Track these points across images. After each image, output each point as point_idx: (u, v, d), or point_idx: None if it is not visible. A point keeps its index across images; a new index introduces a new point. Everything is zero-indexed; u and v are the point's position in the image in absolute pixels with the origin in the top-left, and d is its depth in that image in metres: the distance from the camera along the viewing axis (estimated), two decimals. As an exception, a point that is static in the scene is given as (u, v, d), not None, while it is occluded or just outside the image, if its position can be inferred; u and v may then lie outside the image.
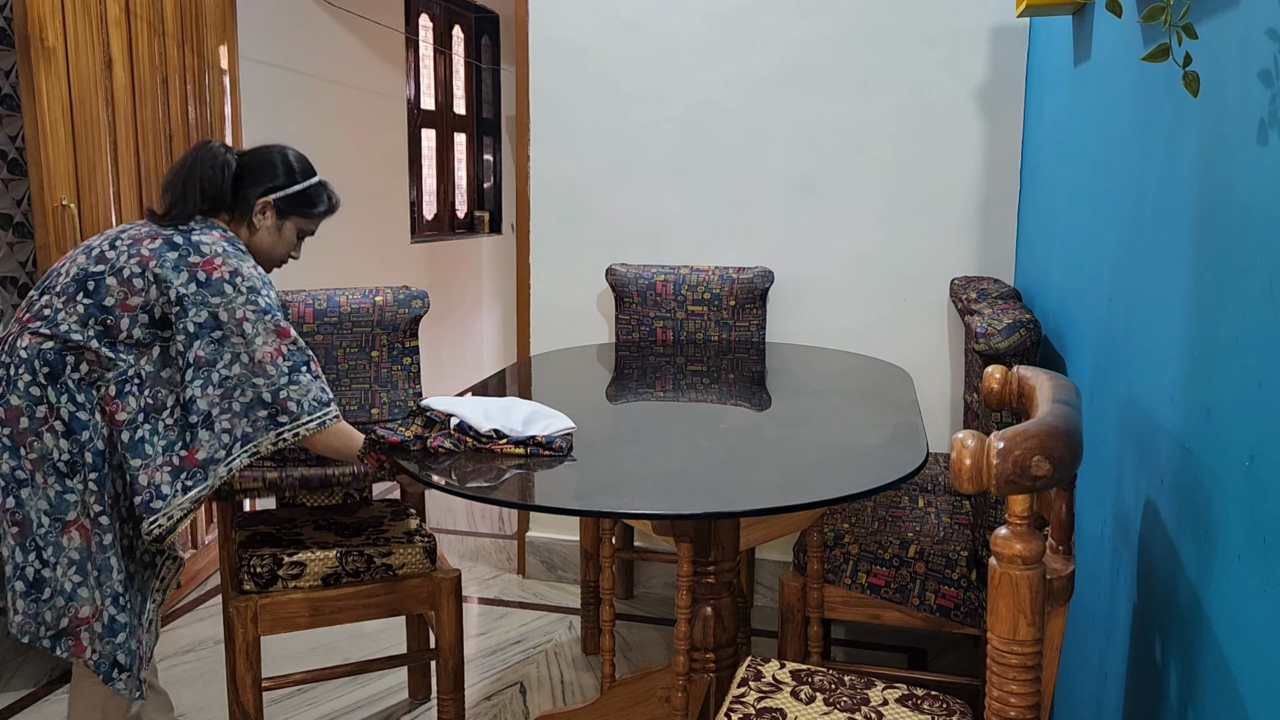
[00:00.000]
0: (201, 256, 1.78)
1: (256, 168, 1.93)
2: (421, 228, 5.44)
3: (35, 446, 1.75)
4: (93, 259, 1.79)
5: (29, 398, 1.74)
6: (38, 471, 1.75)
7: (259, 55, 3.62)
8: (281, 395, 1.81)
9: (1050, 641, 1.17)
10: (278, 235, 1.97)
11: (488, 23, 6.09)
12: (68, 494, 1.77)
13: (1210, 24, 1.19)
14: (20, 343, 1.76)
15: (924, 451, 1.74)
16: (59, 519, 1.76)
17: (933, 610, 2.07)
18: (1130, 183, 1.59)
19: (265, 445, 1.83)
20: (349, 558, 2.08)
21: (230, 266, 1.79)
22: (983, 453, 1.00)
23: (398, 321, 2.42)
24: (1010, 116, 2.79)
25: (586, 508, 1.86)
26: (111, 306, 1.76)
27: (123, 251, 1.78)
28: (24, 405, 1.74)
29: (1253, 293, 1.03)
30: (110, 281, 1.76)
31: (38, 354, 1.74)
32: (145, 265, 1.76)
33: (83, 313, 1.76)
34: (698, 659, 1.95)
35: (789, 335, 2.99)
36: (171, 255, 1.77)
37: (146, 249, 1.78)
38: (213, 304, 1.76)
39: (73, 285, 1.77)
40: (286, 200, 1.95)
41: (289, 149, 2.00)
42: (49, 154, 2.37)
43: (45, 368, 1.74)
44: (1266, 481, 0.98)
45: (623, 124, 3.04)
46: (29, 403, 1.74)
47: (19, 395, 1.74)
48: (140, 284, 1.76)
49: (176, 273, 1.76)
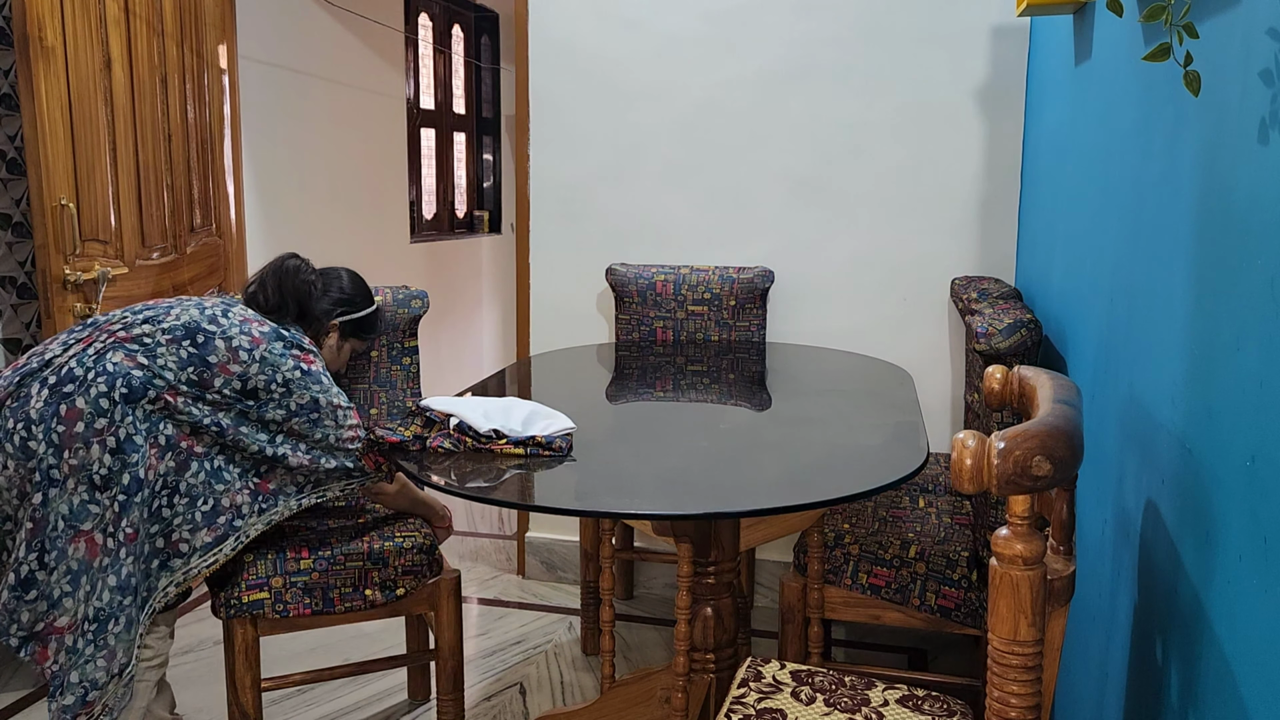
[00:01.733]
0: (304, 351, 1.94)
1: (335, 287, 2.12)
2: (421, 227, 5.44)
3: (79, 453, 1.76)
4: (205, 317, 1.88)
5: (95, 407, 1.76)
6: (71, 477, 1.76)
7: (258, 55, 3.61)
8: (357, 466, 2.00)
9: (1051, 642, 1.17)
10: (336, 354, 2.16)
11: (487, 22, 6.09)
12: (92, 504, 1.77)
13: (1211, 23, 1.19)
14: (112, 356, 1.81)
15: (924, 452, 1.73)
16: (74, 525, 1.76)
17: (933, 611, 2.06)
18: (1131, 182, 1.58)
19: (334, 492, 2.02)
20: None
21: (320, 365, 1.96)
22: (983, 453, 1.00)
23: (397, 321, 2.42)
24: (1011, 116, 2.79)
25: (586, 508, 1.86)
26: (213, 364, 1.85)
27: (235, 324, 1.89)
28: (87, 411, 1.76)
29: (1254, 292, 1.03)
30: (219, 344, 1.86)
31: (124, 374, 1.79)
32: (255, 345, 1.88)
33: (184, 358, 1.84)
34: (698, 660, 1.95)
35: (789, 335, 2.99)
36: (279, 345, 1.91)
37: (257, 331, 1.91)
38: (314, 390, 1.92)
39: (181, 330, 1.85)
40: (351, 324, 2.14)
41: (355, 273, 2.19)
42: (48, 153, 2.36)
43: (125, 389, 1.79)
44: (1267, 481, 0.98)
45: (623, 124, 3.03)
46: (93, 411, 1.76)
47: (87, 400, 1.76)
48: (246, 357, 1.87)
49: (284, 359, 1.90)
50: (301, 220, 4.04)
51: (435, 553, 2.18)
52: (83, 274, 2.45)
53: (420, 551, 2.13)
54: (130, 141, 2.69)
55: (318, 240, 4.19)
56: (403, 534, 2.16)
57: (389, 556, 2.10)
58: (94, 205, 2.55)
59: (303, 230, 4.04)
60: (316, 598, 2.04)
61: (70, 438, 1.76)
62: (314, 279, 2.06)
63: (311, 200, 4.14)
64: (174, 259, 2.93)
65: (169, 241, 2.91)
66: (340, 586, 2.05)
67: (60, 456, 1.76)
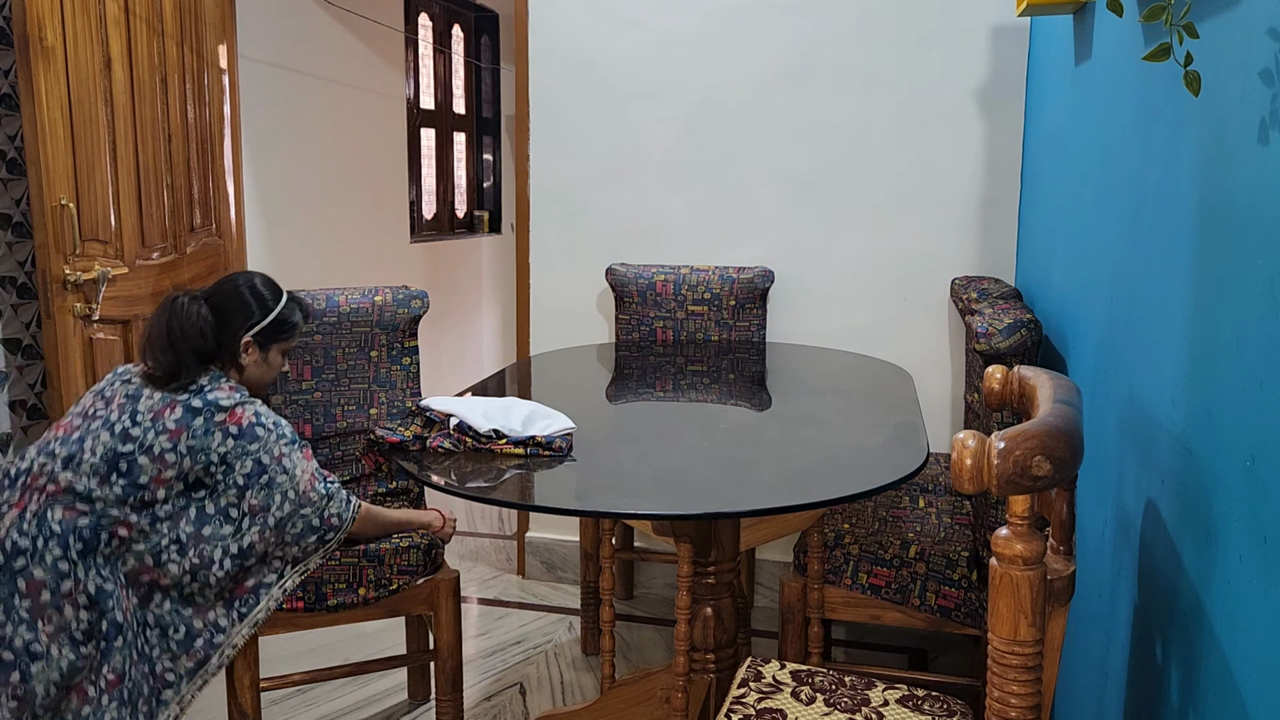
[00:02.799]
0: (225, 411, 1.82)
1: (229, 308, 1.93)
2: (421, 227, 5.44)
3: (54, 619, 1.71)
4: (118, 437, 1.78)
5: (56, 572, 1.71)
6: (53, 643, 1.71)
7: (258, 54, 3.61)
8: (326, 515, 1.89)
9: (1051, 642, 1.17)
10: (265, 365, 1.99)
11: (487, 22, 6.09)
12: (79, 661, 1.73)
13: (1211, 23, 1.19)
14: (53, 515, 1.73)
15: (924, 452, 1.73)
16: (65, 686, 1.72)
17: (933, 611, 2.06)
18: (1131, 182, 1.58)
19: (314, 563, 1.93)
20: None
21: (250, 411, 1.84)
22: (983, 453, 1.00)
23: (397, 321, 2.42)
24: (1011, 116, 2.79)
25: (586, 508, 1.86)
26: (147, 483, 1.78)
27: (148, 429, 1.78)
28: (49, 579, 1.71)
29: (1254, 292, 1.03)
30: (143, 460, 1.77)
31: (73, 529, 1.73)
32: (176, 440, 1.78)
33: (120, 492, 1.76)
34: (698, 660, 1.95)
35: (789, 335, 2.99)
36: (199, 423, 1.80)
37: (171, 422, 1.79)
38: (252, 450, 1.81)
39: (104, 466, 1.76)
40: (264, 333, 1.96)
41: (254, 276, 2.00)
42: (48, 153, 2.36)
43: (79, 543, 1.73)
44: (1267, 481, 0.98)
45: (623, 124, 3.03)
46: (55, 577, 1.71)
47: (44, 569, 1.71)
48: (173, 458, 1.78)
49: (209, 437, 1.79)
50: (301, 220, 4.04)
51: (434, 552, 2.18)
52: (83, 274, 2.45)
53: (418, 551, 2.13)
54: (130, 141, 2.69)
55: (317, 239, 4.19)
56: (401, 535, 2.16)
57: (385, 555, 2.10)
58: (94, 205, 2.55)
59: (303, 230, 4.04)
60: (309, 592, 2.04)
61: (40, 608, 1.70)
62: (201, 312, 1.88)
63: (311, 200, 4.14)
64: (174, 259, 2.93)
65: (169, 241, 2.91)
66: (334, 582, 2.05)
67: (36, 629, 1.70)
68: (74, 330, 2.47)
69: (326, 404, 2.40)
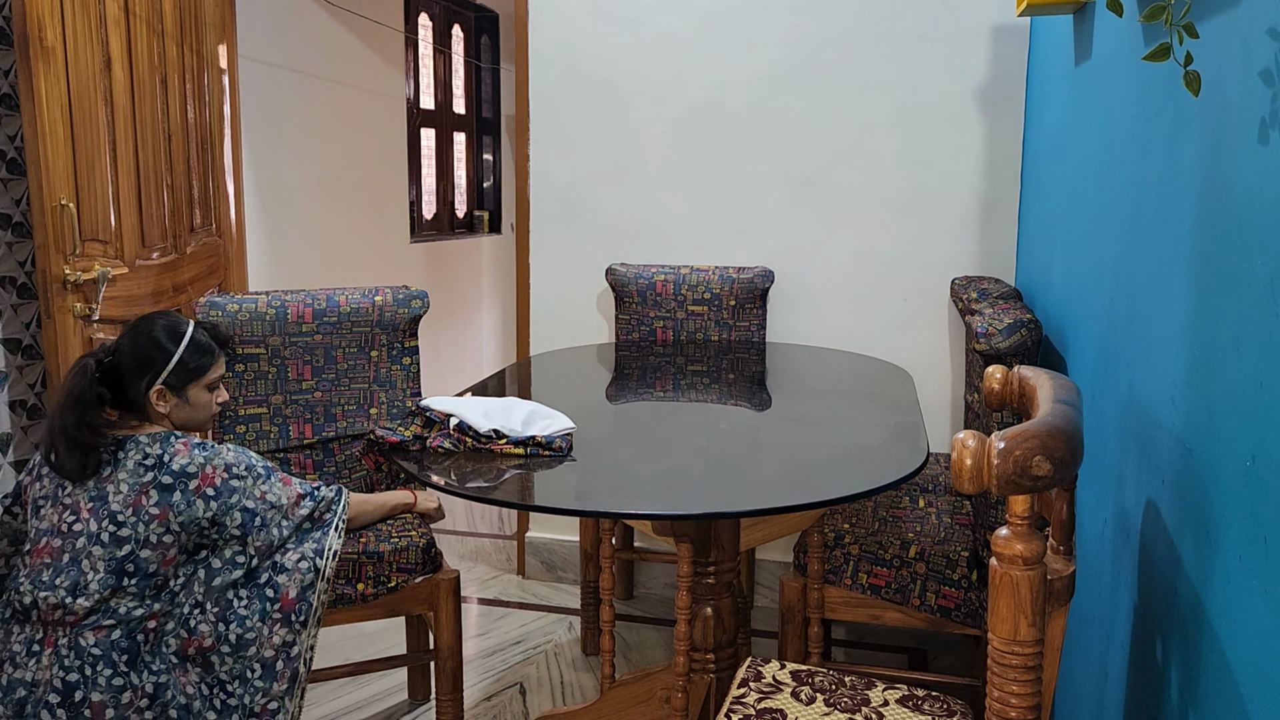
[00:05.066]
0: (195, 478, 1.77)
1: (131, 365, 1.83)
2: (421, 227, 5.44)
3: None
4: (111, 544, 1.73)
5: (112, 689, 1.70)
6: None
7: (258, 54, 3.61)
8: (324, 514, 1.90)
9: (1051, 642, 1.17)
10: (189, 406, 1.89)
11: (487, 22, 6.09)
12: None
13: (1211, 23, 1.19)
14: (86, 642, 1.71)
15: (924, 451, 1.73)
16: None
17: (933, 611, 2.06)
18: (1131, 182, 1.58)
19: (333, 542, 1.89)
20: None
21: (220, 466, 1.80)
22: (983, 453, 1.00)
23: (397, 321, 2.42)
24: (1011, 116, 2.79)
25: (586, 508, 1.86)
26: (157, 570, 1.76)
27: (135, 523, 1.74)
28: (108, 699, 1.70)
29: (1253, 292, 1.03)
30: (146, 554, 1.75)
31: (112, 646, 1.71)
32: (166, 522, 1.75)
33: (137, 590, 1.74)
34: (698, 659, 1.95)
35: (789, 335, 2.99)
36: (177, 498, 1.75)
37: (153, 507, 1.75)
38: (235, 503, 1.79)
39: (113, 578, 1.73)
40: (172, 376, 1.85)
41: (155, 320, 1.88)
42: (48, 154, 2.36)
43: (124, 655, 1.72)
44: (1267, 481, 0.98)
45: (622, 124, 3.03)
46: (113, 694, 1.70)
47: (101, 691, 1.70)
48: (170, 539, 1.76)
49: (193, 508, 1.76)
50: (301, 220, 4.04)
51: (433, 550, 2.18)
52: (83, 274, 2.45)
53: (418, 550, 2.13)
54: (130, 141, 2.69)
55: (318, 239, 4.19)
56: (400, 534, 2.16)
57: (385, 554, 2.11)
58: (94, 205, 2.55)
59: (303, 230, 4.04)
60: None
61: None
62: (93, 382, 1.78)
63: (311, 200, 4.14)
64: (174, 259, 2.93)
65: (169, 241, 2.91)
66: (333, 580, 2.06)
67: None
68: (74, 330, 2.47)
69: (326, 404, 2.40)
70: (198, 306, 2.32)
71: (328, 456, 2.41)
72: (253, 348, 2.33)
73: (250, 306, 2.33)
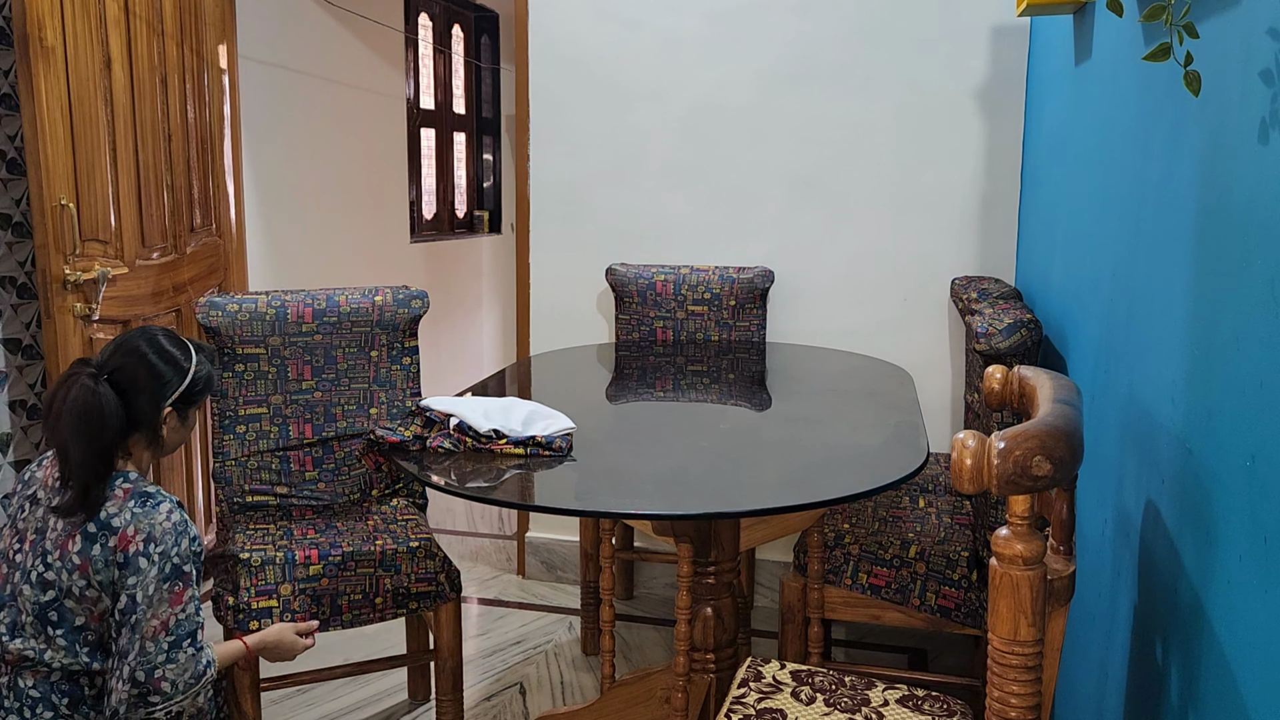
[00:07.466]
0: (114, 534, 1.59)
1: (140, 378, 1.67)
2: (421, 227, 5.44)
3: None
4: (37, 587, 1.61)
5: None
6: None
7: (258, 54, 3.61)
8: (155, 675, 1.60)
9: (1051, 642, 1.17)
10: (182, 430, 1.77)
11: (487, 22, 6.09)
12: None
13: (1211, 23, 1.19)
14: (24, 683, 1.62)
15: (924, 452, 1.73)
16: None
17: (933, 611, 2.06)
18: (1131, 182, 1.58)
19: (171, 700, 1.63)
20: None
21: (143, 534, 1.60)
22: (983, 453, 1.00)
23: (397, 321, 2.42)
24: (1011, 116, 2.79)
25: (586, 508, 1.86)
26: (84, 624, 1.62)
27: (60, 569, 1.60)
28: None
29: (1253, 292, 1.03)
30: (69, 604, 1.61)
31: (51, 688, 1.62)
32: (87, 575, 1.59)
33: (65, 643, 1.61)
34: (698, 660, 1.95)
35: (789, 335, 2.99)
36: (96, 550, 1.59)
37: (76, 555, 1.59)
38: (129, 585, 1.59)
39: (38, 623, 1.61)
40: (182, 398, 1.72)
41: (155, 336, 1.72)
42: (48, 154, 2.36)
43: (64, 699, 1.62)
44: (1267, 481, 0.98)
45: (623, 124, 3.03)
46: None
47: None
48: (94, 593, 1.60)
49: (108, 568, 1.59)
50: (301, 220, 4.04)
51: (449, 565, 2.17)
52: (83, 274, 2.46)
53: (429, 557, 2.13)
54: (130, 141, 2.69)
55: (318, 239, 4.19)
56: (415, 535, 2.17)
57: (400, 562, 2.10)
58: (94, 205, 2.55)
59: (302, 230, 4.04)
60: (325, 605, 2.04)
61: None
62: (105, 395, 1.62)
63: (311, 200, 4.14)
64: (174, 259, 2.93)
65: (169, 241, 2.91)
66: (349, 594, 2.06)
67: None
68: (74, 330, 2.47)
69: (326, 404, 2.40)
70: (197, 306, 2.32)
71: (327, 455, 2.41)
72: (253, 348, 2.33)
73: (250, 306, 2.33)
